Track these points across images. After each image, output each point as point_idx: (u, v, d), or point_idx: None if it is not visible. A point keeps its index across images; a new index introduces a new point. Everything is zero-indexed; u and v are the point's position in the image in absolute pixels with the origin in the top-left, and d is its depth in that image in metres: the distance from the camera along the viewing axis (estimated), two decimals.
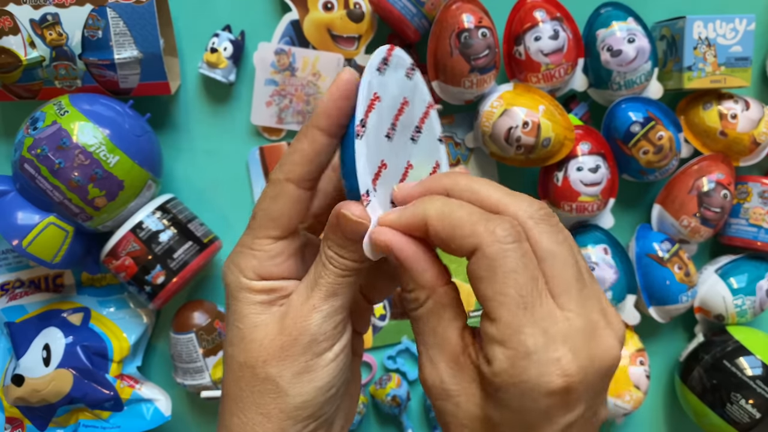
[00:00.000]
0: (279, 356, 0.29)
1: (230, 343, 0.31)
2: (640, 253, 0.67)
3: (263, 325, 0.30)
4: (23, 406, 0.60)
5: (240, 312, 0.31)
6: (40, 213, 0.56)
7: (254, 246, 0.31)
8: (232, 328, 0.31)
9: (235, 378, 0.30)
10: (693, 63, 0.64)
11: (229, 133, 0.67)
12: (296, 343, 0.29)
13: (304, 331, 0.29)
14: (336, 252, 0.30)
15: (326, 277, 0.30)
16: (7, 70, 0.57)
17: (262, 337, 0.30)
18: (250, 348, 0.30)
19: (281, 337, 0.29)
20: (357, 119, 0.28)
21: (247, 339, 0.30)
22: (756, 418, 0.64)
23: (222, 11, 0.66)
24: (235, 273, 0.31)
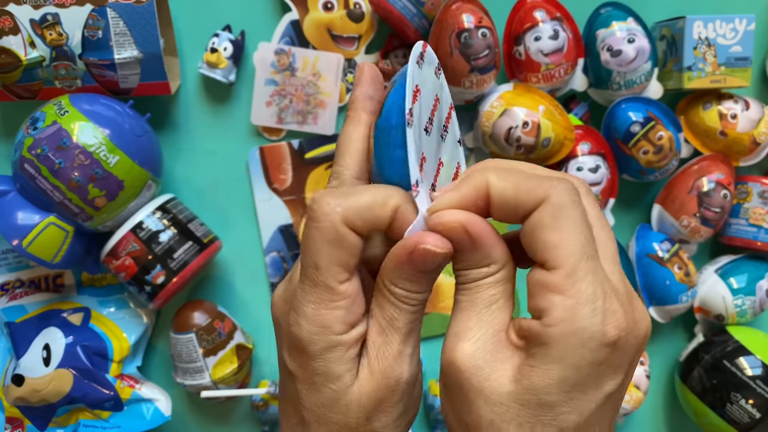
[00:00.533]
0: (380, 410, 0.29)
1: (320, 404, 0.29)
2: (640, 253, 0.67)
3: (357, 383, 0.29)
4: (23, 406, 0.60)
5: (332, 373, 0.28)
6: (40, 213, 0.56)
7: (334, 297, 0.28)
8: (320, 388, 0.29)
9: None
10: (693, 63, 0.64)
11: (229, 133, 0.67)
12: (394, 394, 0.29)
13: (399, 381, 0.28)
14: (407, 289, 0.28)
15: (402, 319, 0.28)
16: (7, 70, 0.57)
17: (359, 396, 0.28)
18: (349, 410, 0.29)
19: (378, 393, 0.28)
20: (407, 107, 0.27)
21: (343, 401, 0.29)
22: (756, 418, 0.64)
23: (222, 11, 0.66)
24: (319, 333, 0.28)
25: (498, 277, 0.28)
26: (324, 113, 0.66)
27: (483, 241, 0.27)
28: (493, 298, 0.27)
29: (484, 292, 0.28)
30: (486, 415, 0.26)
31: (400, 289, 0.28)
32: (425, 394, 0.69)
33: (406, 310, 0.28)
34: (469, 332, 0.27)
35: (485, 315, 0.27)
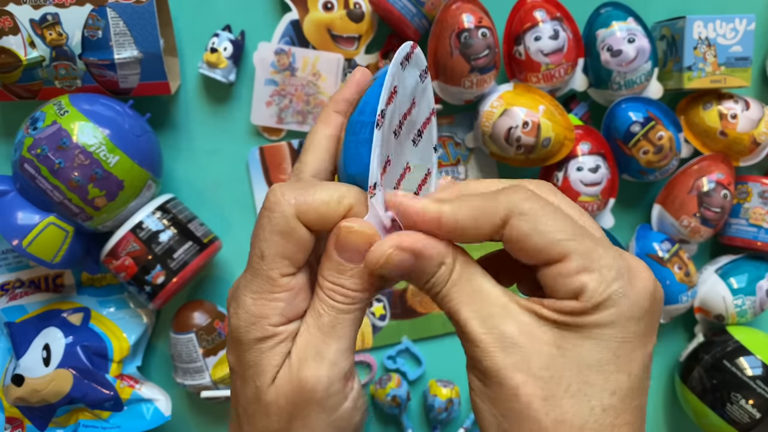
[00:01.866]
0: (298, 418, 0.28)
1: (248, 400, 0.29)
2: (640, 253, 0.67)
3: (279, 383, 0.28)
4: (23, 406, 0.60)
5: (259, 366, 0.28)
6: (40, 213, 0.56)
7: (275, 288, 0.28)
8: (248, 382, 0.28)
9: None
10: (693, 63, 0.64)
11: (229, 133, 0.67)
12: (311, 402, 0.28)
13: (316, 386, 0.27)
14: (335, 282, 0.28)
15: (327, 316, 0.28)
16: (7, 70, 0.57)
17: (276, 396, 0.28)
18: (269, 411, 0.28)
19: (293, 396, 0.28)
20: (379, 108, 0.27)
21: (263, 401, 0.28)
22: (756, 418, 0.64)
23: (222, 11, 0.66)
24: (255, 323, 0.28)
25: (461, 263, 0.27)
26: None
27: (422, 247, 0.27)
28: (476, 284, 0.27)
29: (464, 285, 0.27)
30: (537, 393, 0.25)
31: (329, 282, 0.28)
32: (425, 393, 0.69)
33: (332, 306, 0.28)
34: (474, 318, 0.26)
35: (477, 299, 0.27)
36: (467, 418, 0.71)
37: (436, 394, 0.68)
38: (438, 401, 0.67)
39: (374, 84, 0.29)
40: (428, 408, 0.69)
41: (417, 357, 0.71)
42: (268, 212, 0.28)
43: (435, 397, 0.67)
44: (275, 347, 0.28)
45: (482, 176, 0.70)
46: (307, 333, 0.28)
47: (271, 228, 0.28)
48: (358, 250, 0.28)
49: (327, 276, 0.28)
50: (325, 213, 0.28)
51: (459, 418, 0.72)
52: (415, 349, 0.70)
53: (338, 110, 0.31)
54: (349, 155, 0.29)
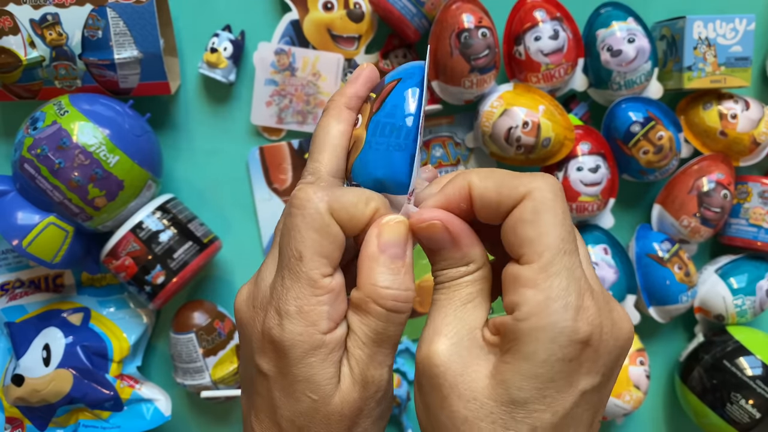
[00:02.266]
0: (360, 417, 0.28)
1: (300, 413, 0.27)
2: (640, 253, 0.67)
3: (338, 393, 0.27)
4: (23, 406, 0.60)
5: (314, 380, 0.27)
6: (40, 213, 0.56)
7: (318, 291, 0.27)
8: (300, 397, 0.27)
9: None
10: (693, 63, 0.64)
11: (229, 133, 0.67)
12: (373, 400, 0.28)
13: (380, 388, 0.28)
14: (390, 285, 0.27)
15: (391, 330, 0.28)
16: (7, 70, 0.57)
17: (341, 407, 0.27)
18: (330, 421, 0.27)
19: (360, 403, 0.28)
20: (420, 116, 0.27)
21: (323, 412, 0.27)
22: (756, 418, 0.64)
23: (222, 11, 0.66)
24: (301, 331, 0.27)
25: (476, 276, 0.28)
26: None
27: (462, 239, 0.27)
28: (470, 296, 0.27)
29: (462, 290, 0.27)
30: (460, 411, 0.25)
31: (385, 289, 0.27)
32: None
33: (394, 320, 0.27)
34: (446, 328, 0.27)
35: (462, 312, 0.27)
36: None
37: None
38: None
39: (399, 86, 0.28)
40: None
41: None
42: (300, 210, 0.27)
43: None
44: (327, 358, 0.27)
45: None
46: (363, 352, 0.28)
47: (306, 226, 0.27)
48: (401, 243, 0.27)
49: (383, 282, 0.27)
50: (354, 214, 0.27)
51: None
52: (415, 349, 0.70)
53: (350, 106, 0.30)
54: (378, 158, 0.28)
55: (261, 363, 0.28)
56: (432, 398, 0.26)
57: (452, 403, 0.25)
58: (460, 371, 0.26)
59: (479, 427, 0.25)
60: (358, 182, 0.29)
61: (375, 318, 0.27)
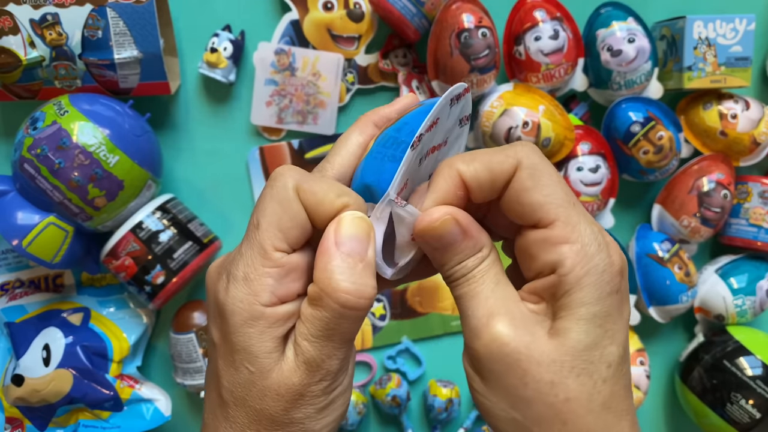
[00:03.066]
0: (300, 402, 0.27)
1: (237, 383, 0.27)
2: (640, 253, 0.67)
3: (278, 370, 0.27)
4: (23, 406, 0.60)
5: (251, 351, 0.27)
6: (40, 213, 0.56)
7: (267, 263, 0.27)
8: (238, 367, 0.27)
9: (251, 419, 0.28)
10: (693, 63, 0.64)
11: (229, 133, 0.67)
12: (318, 387, 0.28)
13: (327, 373, 0.27)
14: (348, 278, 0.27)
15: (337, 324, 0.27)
16: (7, 70, 0.57)
17: (278, 385, 0.27)
18: (265, 396, 0.27)
19: (301, 387, 0.27)
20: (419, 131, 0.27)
21: (258, 386, 0.27)
22: (756, 418, 0.64)
23: (222, 11, 0.66)
24: (242, 298, 0.27)
25: (493, 257, 0.28)
26: (324, 113, 0.66)
27: (471, 228, 0.28)
28: (497, 276, 0.28)
29: (488, 274, 0.28)
30: (544, 378, 0.26)
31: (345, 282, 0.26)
32: (425, 393, 0.69)
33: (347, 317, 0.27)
34: (497, 310, 0.27)
35: (499, 292, 0.28)
36: (467, 418, 0.71)
37: (436, 394, 0.68)
38: (438, 401, 0.67)
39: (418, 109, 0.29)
40: (428, 408, 0.69)
41: (417, 357, 0.71)
42: (270, 183, 0.28)
43: (435, 397, 0.67)
44: (265, 331, 0.27)
45: None
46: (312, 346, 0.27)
47: (270, 197, 0.27)
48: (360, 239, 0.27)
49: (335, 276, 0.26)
50: (321, 201, 0.27)
51: (459, 418, 0.72)
52: (415, 349, 0.70)
53: (377, 123, 0.31)
54: (371, 165, 0.29)
55: (211, 329, 0.29)
56: (510, 379, 0.26)
57: (534, 373, 0.26)
58: (528, 342, 0.26)
59: (566, 385, 0.26)
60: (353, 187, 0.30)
61: (326, 312, 0.27)
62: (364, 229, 0.27)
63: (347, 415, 0.66)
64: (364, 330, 0.69)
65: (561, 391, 0.26)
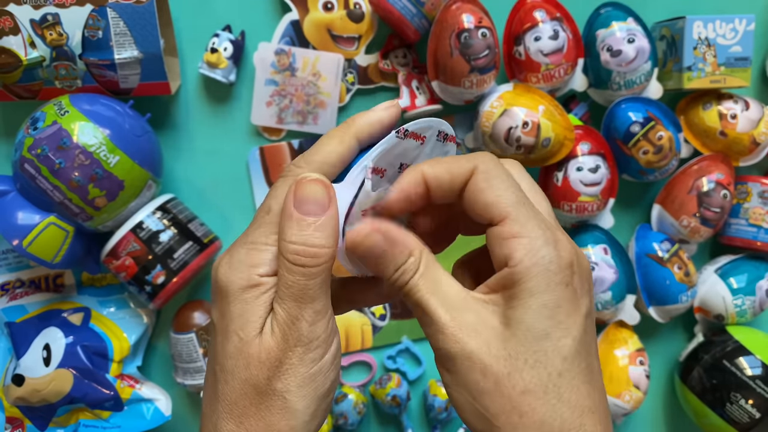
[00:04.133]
0: (280, 371, 0.28)
1: (228, 354, 0.29)
2: (640, 253, 0.68)
3: (263, 336, 0.29)
4: (23, 406, 0.61)
5: (244, 316, 0.29)
6: (41, 213, 0.56)
7: (270, 240, 0.29)
8: (231, 336, 0.29)
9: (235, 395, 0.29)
10: (693, 63, 0.64)
11: (229, 133, 0.67)
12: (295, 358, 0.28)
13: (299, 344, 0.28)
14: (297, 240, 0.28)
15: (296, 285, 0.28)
16: (8, 70, 0.57)
17: (259, 350, 0.28)
18: (250, 363, 0.29)
19: (277, 353, 0.28)
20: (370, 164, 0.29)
21: (245, 352, 0.29)
22: (756, 418, 0.64)
23: (222, 11, 0.66)
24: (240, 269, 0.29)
25: (427, 258, 0.29)
26: (324, 113, 0.66)
27: (397, 236, 0.29)
28: (438, 276, 0.29)
29: (425, 277, 0.29)
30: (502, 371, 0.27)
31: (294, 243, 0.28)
32: (425, 393, 0.69)
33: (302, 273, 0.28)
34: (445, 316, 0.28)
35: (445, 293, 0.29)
36: None
37: (436, 393, 0.68)
38: (438, 401, 0.67)
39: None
40: (428, 408, 0.69)
41: (417, 357, 0.71)
42: (283, 176, 0.30)
43: (435, 397, 0.67)
44: (260, 297, 0.29)
45: None
46: (281, 307, 0.29)
47: (284, 188, 0.29)
48: (317, 201, 0.29)
49: (290, 236, 0.28)
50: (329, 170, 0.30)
51: (459, 418, 0.72)
52: (415, 348, 0.70)
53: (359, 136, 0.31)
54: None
55: (213, 315, 0.30)
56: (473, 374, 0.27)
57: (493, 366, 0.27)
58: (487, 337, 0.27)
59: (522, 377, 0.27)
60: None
61: (287, 273, 0.28)
62: (319, 190, 0.29)
63: (347, 414, 0.66)
64: (364, 330, 0.70)
65: (518, 383, 0.26)
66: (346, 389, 0.67)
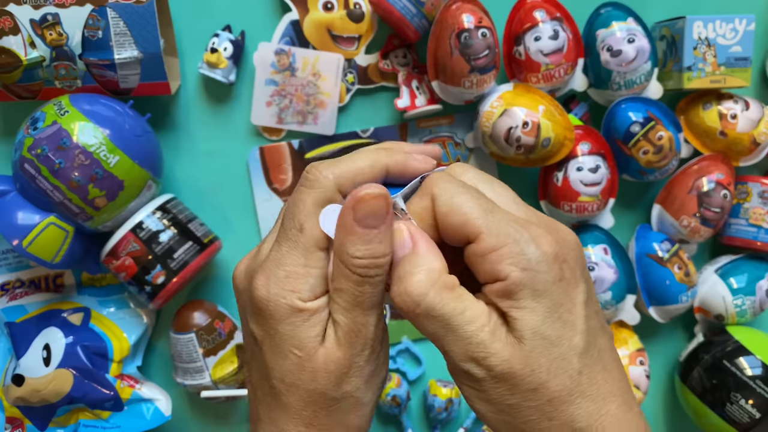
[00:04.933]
0: (349, 375, 0.29)
1: (287, 371, 0.29)
2: (640, 253, 0.68)
3: (322, 349, 0.29)
4: (23, 406, 0.60)
5: (297, 337, 0.29)
6: (41, 213, 0.56)
7: (310, 263, 0.29)
8: (286, 354, 0.29)
9: (305, 401, 0.29)
10: (693, 63, 0.64)
11: (229, 133, 0.67)
12: (361, 358, 0.29)
13: (365, 345, 0.29)
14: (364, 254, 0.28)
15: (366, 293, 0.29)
16: (8, 70, 0.57)
17: (325, 363, 0.29)
18: (316, 376, 0.29)
19: (345, 360, 0.29)
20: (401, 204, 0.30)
21: (309, 368, 0.29)
22: (756, 418, 0.64)
23: (222, 11, 0.66)
24: (283, 295, 0.29)
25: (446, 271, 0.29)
26: (324, 113, 0.66)
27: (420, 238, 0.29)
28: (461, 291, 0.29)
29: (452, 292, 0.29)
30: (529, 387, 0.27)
31: (359, 258, 0.28)
32: (425, 393, 0.69)
33: (366, 282, 0.28)
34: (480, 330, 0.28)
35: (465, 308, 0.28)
36: (467, 417, 0.71)
37: (436, 394, 0.68)
38: (438, 401, 0.67)
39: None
40: (428, 408, 0.69)
41: (417, 357, 0.71)
42: (308, 187, 0.29)
43: (435, 397, 0.67)
44: (309, 319, 0.29)
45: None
46: (346, 317, 0.29)
47: (312, 201, 0.29)
48: (378, 215, 0.28)
49: (355, 252, 0.28)
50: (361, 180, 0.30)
51: (459, 418, 0.72)
52: (415, 349, 0.70)
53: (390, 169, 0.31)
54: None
55: (253, 327, 0.30)
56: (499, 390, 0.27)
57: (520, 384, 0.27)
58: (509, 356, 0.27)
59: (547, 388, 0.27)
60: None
61: (355, 286, 0.28)
62: (381, 205, 0.28)
63: None
64: None
65: (544, 394, 0.27)
66: None
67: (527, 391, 0.27)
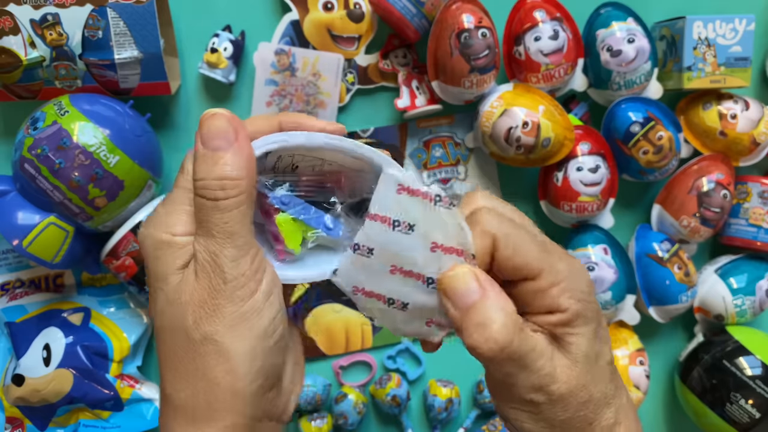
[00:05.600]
0: (207, 312, 0.27)
1: (158, 312, 0.29)
2: (640, 253, 0.68)
3: (184, 282, 0.28)
4: (23, 406, 0.61)
5: (162, 271, 0.29)
6: (41, 213, 0.56)
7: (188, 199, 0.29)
8: (157, 293, 0.29)
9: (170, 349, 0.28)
10: (693, 63, 0.64)
11: None
12: (217, 293, 0.27)
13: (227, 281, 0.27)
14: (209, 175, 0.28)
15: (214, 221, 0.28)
16: (8, 70, 0.57)
17: (183, 295, 0.28)
18: (177, 311, 0.28)
19: (200, 290, 0.28)
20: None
21: (171, 301, 0.28)
22: (756, 418, 0.64)
23: (222, 11, 0.66)
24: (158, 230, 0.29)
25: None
26: (324, 113, 0.66)
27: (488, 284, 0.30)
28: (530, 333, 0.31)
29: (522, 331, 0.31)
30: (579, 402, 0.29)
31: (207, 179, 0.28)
32: (425, 393, 0.69)
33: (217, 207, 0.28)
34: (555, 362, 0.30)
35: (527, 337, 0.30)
36: (467, 417, 0.71)
37: (436, 393, 0.68)
38: (438, 401, 0.67)
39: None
40: (428, 408, 0.69)
41: (417, 357, 0.71)
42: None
43: (435, 397, 0.67)
44: (175, 252, 0.29)
45: (482, 176, 0.70)
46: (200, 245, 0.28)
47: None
48: (224, 135, 0.28)
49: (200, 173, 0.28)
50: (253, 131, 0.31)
51: (459, 418, 0.72)
52: (415, 349, 0.70)
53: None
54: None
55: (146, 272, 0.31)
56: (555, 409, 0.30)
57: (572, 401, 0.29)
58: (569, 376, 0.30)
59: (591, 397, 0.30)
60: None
61: (200, 210, 0.28)
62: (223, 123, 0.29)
63: (347, 414, 0.66)
64: (364, 330, 0.70)
65: (590, 404, 0.30)
66: (346, 389, 0.67)
67: (579, 404, 0.29)
